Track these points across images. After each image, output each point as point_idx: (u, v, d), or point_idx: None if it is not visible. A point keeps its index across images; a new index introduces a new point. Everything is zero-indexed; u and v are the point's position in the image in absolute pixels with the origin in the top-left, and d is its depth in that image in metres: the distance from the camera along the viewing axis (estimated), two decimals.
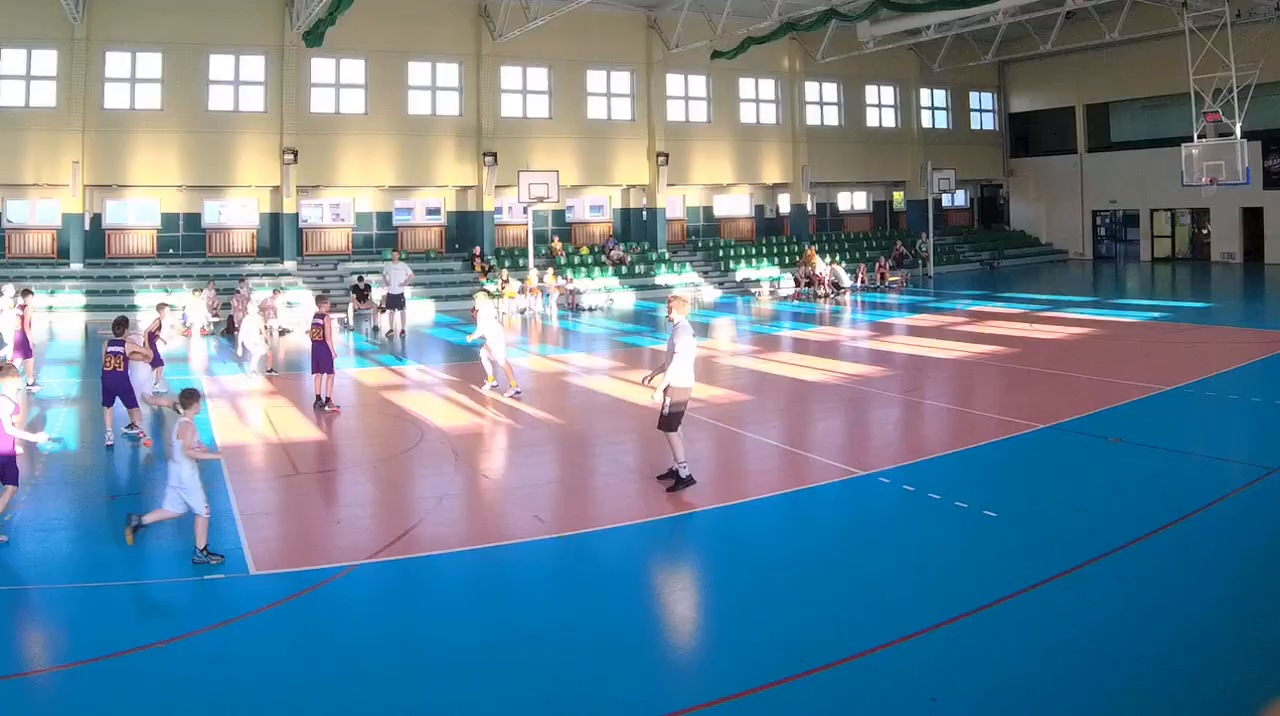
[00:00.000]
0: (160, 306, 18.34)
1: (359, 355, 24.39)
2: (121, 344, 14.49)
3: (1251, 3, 35.28)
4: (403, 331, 27.43)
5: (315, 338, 16.96)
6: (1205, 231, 45.15)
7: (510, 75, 38.40)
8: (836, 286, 35.71)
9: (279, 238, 35.78)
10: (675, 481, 11.52)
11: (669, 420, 11.47)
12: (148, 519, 9.83)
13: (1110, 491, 11.58)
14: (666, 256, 40.32)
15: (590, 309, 33.80)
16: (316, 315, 17.10)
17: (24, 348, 18.81)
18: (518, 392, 17.55)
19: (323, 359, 16.77)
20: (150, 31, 33.38)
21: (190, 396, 10.06)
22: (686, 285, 38.19)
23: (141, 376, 15.19)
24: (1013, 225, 51.69)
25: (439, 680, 7.21)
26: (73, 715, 6.78)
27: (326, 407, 16.67)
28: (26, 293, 20.17)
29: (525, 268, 35.50)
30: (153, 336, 17.68)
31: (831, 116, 45.38)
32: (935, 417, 16.33)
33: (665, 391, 11.49)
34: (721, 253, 41.74)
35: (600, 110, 40.07)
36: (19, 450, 10.48)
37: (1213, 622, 7.90)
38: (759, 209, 45.50)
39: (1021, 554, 9.44)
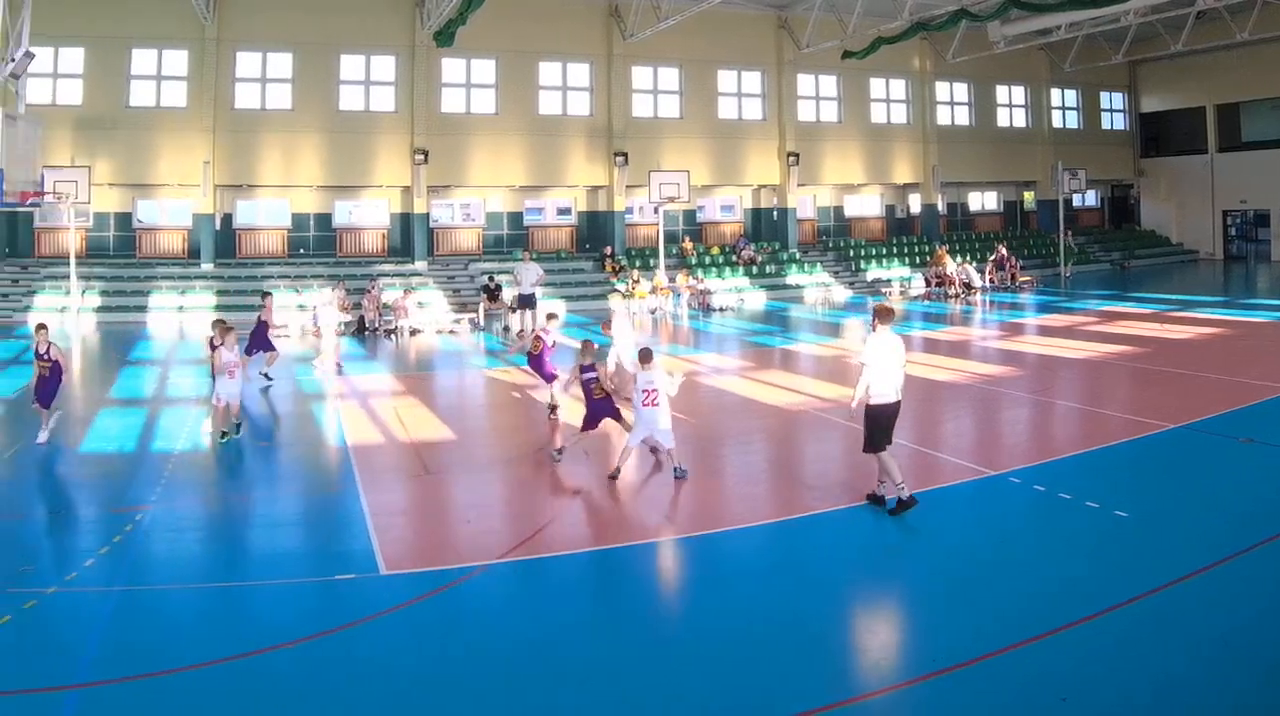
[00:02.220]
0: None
1: (490, 355, 24.37)
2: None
3: None
4: (533, 331, 26.99)
5: (534, 350, 16.86)
6: None
7: (641, 75, 37.58)
8: (967, 286, 35.05)
9: (410, 238, 35.25)
10: (897, 503, 10.40)
11: (867, 440, 10.62)
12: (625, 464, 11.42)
13: (1242, 491, 11.35)
14: (797, 256, 39.32)
15: (721, 309, 33.28)
16: (541, 329, 17.45)
17: (265, 343, 19.70)
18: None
19: (541, 368, 16.84)
20: (281, 31, 33.13)
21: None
22: (817, 285, 37.41)
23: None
24: (1143, 225, 50.02)
25: (569, 680, 7.10)
26: (207, 712, 6.71)
27: (552, 415, 16.44)
28: (266, 294, 21.19)
29: (655, 268, 34.85)
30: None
31: (962, 116, 44.08)
32: (1065, 417, 16.07)
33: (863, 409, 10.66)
34: (852, 253, 40.70)
35: (731, 110, 39.11)
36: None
37: None
38: (889, 209, 44.32)
39: (1152, 554, 9.30)
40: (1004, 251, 37.96)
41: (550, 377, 16.88)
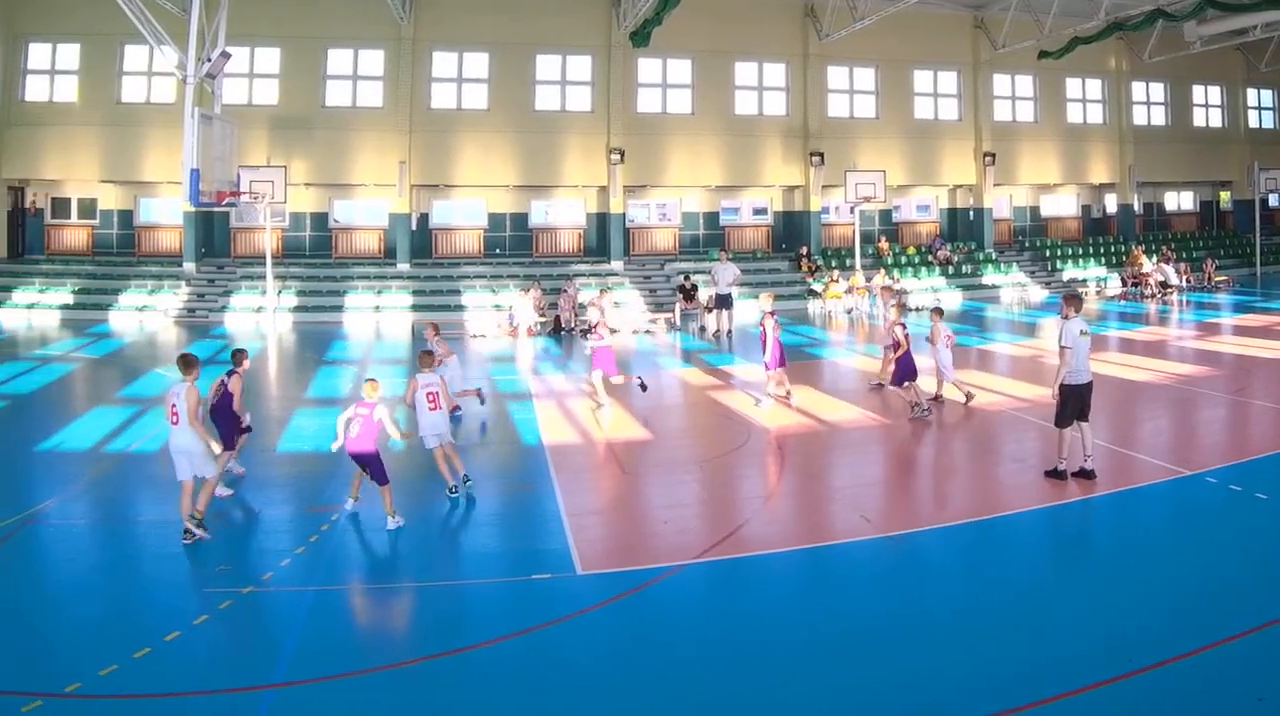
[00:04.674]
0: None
1: (686, 355, 24.05)
2: None
3: None
4: (730, 331, 26.62)
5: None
6: None
7: (837, 75, 36.45)
8: (1164, 286, 34.03)
9: (605, 237, 34.63)
10: (1080, 472, 11.58)
11: (1058, 416, 11.69)
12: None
13: None
14: (993, 256, 37.93)
15: (917, 309, 32.07)
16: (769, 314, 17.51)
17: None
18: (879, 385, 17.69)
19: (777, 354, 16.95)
20: (476, 31, 32.76)
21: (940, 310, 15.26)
22: (1013, 285, 36.16)
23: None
24: None
25: (763, 679, 7.02)
26: (403, 712, 6.71)
27: (759, 400, 16.98)
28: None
29: (851, 268, 33.92)
30: None
31: (1158, 116, 42.14)
32: (1262, 418, 15.66)
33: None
34: (1048, 253, 39.16)
35: (927, 110, 37.76)
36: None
37: None
38: (1085, 209, 42.59)
39: None
40: (1170, 254, 36.84)
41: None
